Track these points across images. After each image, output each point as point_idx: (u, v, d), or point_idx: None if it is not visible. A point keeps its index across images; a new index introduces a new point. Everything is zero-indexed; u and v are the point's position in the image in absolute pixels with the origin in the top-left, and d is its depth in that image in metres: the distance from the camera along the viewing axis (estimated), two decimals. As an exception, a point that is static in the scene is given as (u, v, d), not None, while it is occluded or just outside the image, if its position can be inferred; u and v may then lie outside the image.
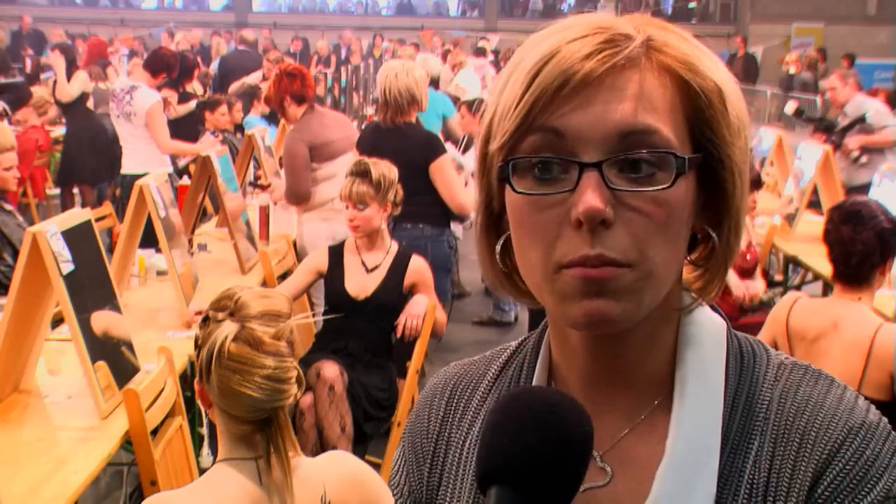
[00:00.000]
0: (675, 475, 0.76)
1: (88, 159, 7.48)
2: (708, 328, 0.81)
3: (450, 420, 0.89)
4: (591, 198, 0.70)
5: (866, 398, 0.79)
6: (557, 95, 0.71)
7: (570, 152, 0.71)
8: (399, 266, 3.52)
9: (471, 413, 0.88)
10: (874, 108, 6.59)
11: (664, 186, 0.71)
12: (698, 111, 0.74)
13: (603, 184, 0.71)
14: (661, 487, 0.76)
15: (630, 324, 0.74)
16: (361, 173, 3.42)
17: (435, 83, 6.96)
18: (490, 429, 0.70)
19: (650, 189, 0.71)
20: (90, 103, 8.57)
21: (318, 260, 3.58)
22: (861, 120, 6.50)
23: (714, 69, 0.75)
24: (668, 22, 0.78)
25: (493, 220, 0.80)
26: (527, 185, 0.73)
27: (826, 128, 6.80)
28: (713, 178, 0.76)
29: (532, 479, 0.69)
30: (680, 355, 0.79)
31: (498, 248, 0.80)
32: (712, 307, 0.83)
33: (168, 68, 5.76)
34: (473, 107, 6.13)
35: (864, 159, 6.41)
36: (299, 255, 4.31)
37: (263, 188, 4.97)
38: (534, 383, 0.83)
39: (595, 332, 0.76)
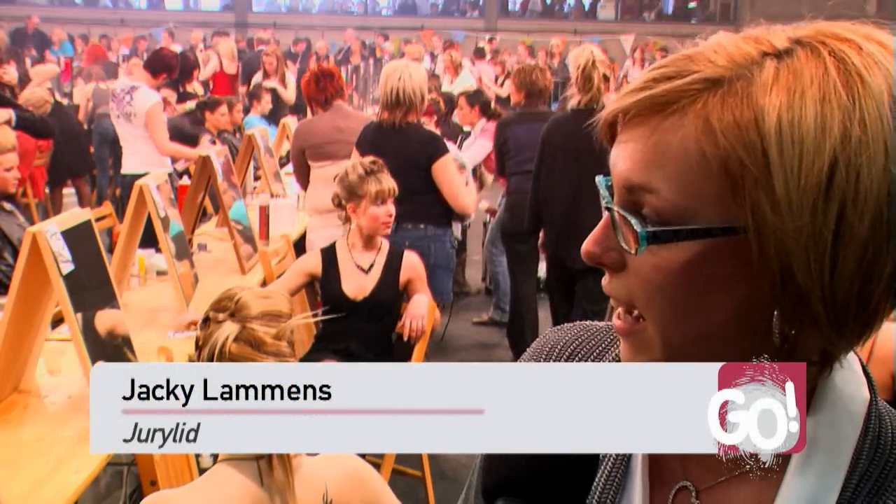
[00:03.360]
0: None
1: (75, 153, 7.55)
2: (848, 391, 0.72)
3: None
4: (589, 239, 0.70)
5: None
6: (617, 125, 0.70)
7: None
8: (393, 264, 3.53)
9: None
10: None
11: (627, 249, 0.68)
12: (733, 177, 0.63)
13: (610, 227, 0.69)
14: None
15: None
16: (380, 170, 3.45)
17: None
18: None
19: (625, 248, 0.68)
20: (90, 104, 8.59)
21: (310, 262, 3.56)
22: None
23: (783, 127, 0.62)
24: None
25: None
26: None
27: None
28: (768, 254, 0.64)
29: (539, 490, 0.68)
30: (811, 419, 0.70)
31: None
32: (866, 374, 0.74)
33: (168, 69, 5.75)
34: (471, 99, 6.13)
35: None
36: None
37: None
38: None
39: None
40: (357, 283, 3.49)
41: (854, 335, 0.67)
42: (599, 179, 0.71)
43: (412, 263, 3.56)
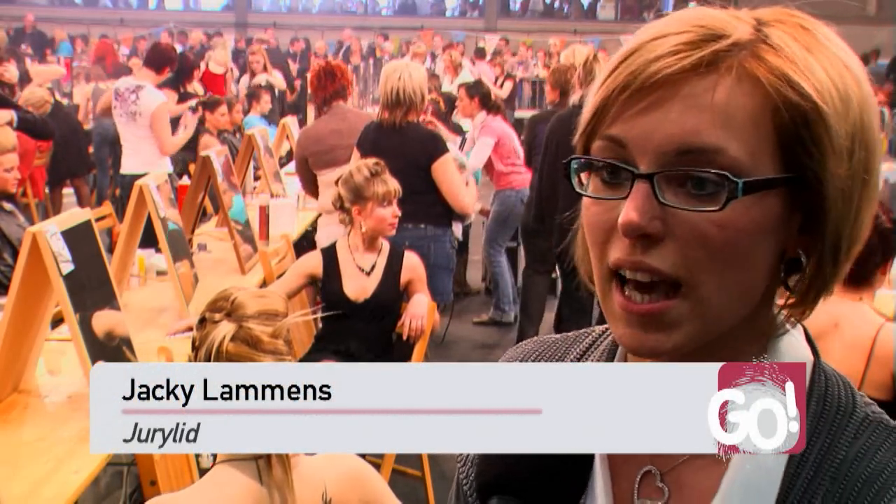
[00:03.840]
0: None
1: (75, 153, 7.56)
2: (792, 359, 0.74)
3: None
4: (631, 209, 0.67)
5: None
6: (619, 99, 0.68)
7: (631, 159, 0.69)
8: (394, 265, 3.53)
9: None
10: None
11: (713, 209, 0.66)
12: (787, 129, 0.67)
13: (652, 197, 0.67)
14: None
15: (682, 352, 0.70)
16: (383, 171, 3.45)
17: None
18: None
19: (700, 209, 0.67)
20: (90, 104, 8.59)
21: (310, 263, 3.54)
22: None
23: (824, 79, 0.67)
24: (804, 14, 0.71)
25: None
26: (595, 185, 0.72)
27: None
28: (810, 201, 0.69)
29: (533, 488, 0.68)
30: None
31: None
32: (808, 338, 0.77)
33: (170, 62, 5.78)
34: (471, 90, 6.11)
35: None
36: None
37: None
38: None
39: (643, 359, 0.74)
40: (358, 285, 3.48)
41: (829, 289, 0.73)
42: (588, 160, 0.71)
43: (412, 264, 3.56)
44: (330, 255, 3.53)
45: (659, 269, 0.68)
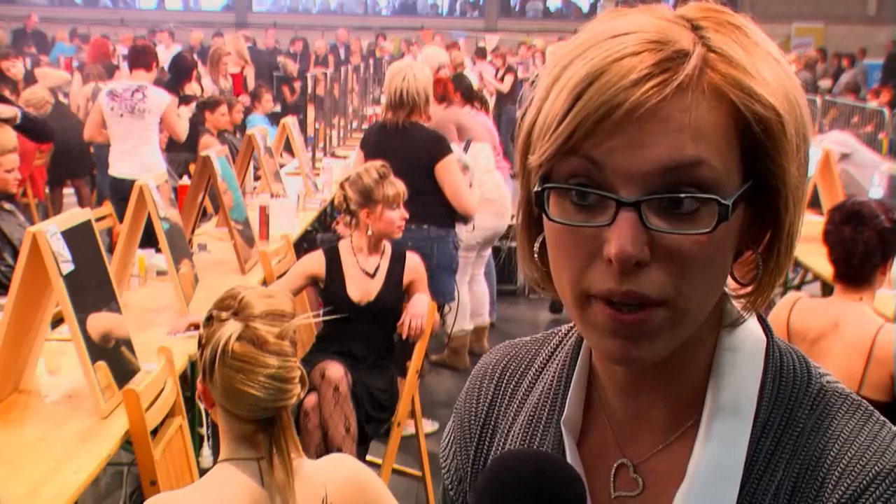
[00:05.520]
0: (691, 500, 0.74)
1: (75, 153, 7.58)
2: (747, 344, 0.77)
3: (497, 403, 0.88)
4: (625, 241, 0.66)
5: (866, 399, 0.78)
6: (599, 126, 0.67)
7: (608, 185, 0.68)
8: (397, 266, 3.52)
9: (518, 399, 0.86)
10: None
11: (704, 231, 0.67)
12: (752, 138, 0.68)
13: (640, 224, 0.67)
14: None
15: (660, 356, 0.72)
16: (389, 172, 3.47)
17: None
18: (479, 494, 0.71)
19: (690, 232, 0.67)
20: (89, 104, 8.58)
21: (312, 264, 3.52)
22: None
23: (774, 85, 0.69)
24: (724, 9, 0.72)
25: (533, 221, 0.77)
26: (564, 207, 0.70)
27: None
28: (765, 200, 0.71)
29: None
30: (714, 373, 0.76)
31: (536, 247, 0.77)
32: (759, 317, 0.79)
33: (153, 54, 5.99)
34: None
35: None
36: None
37: None
38: (572, 385, 0.82)
39: (626, 368, 0.76)
40: (362, 288, 3.47)
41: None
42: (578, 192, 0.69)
43: (414, 265, 3.56)
44: (333, 256, 3.50)
45: (648, 295, 0.68)
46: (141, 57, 5.90)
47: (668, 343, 0.71)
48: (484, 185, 5.01)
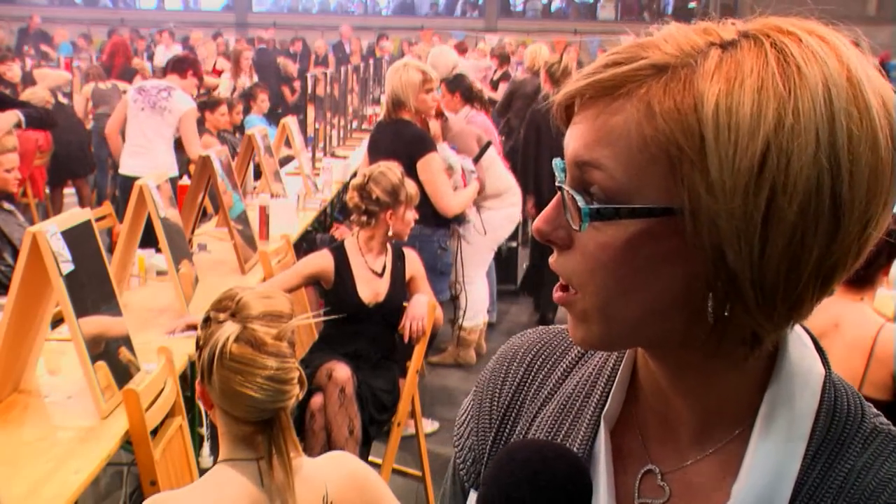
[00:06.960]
0: None
1: (75, 153, 7.60)
2: (806, 375, 0.74)
3: (525, 389, 0.87)
4: (540, 217, 0.73)
5: (867, 398, 0.77)
6: (561, 108, 0.73)
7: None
8: (399, 263, 3.52)
9: (548, 387, 0.85)
10: None
11: (573, 226, 0.70)
12: (671, 162, 0.65)
13: (559, 207, 0.71)
14: None
15: (610, 347, 0.76)
16: (404, 172, 3.49)
17: None
18: (486, 484, 0.72)
19: (571, 224, 0.70)
20: (89, 105, 8.57)
21: (319, 264, 3.47)
22: None
23: (720, 116, 0.64)
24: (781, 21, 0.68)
25: None
26: None
27: None
28: (704, 235, 0.66)
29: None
30: (769, 394, 0.73)
31: None
32: (818, 348, 0.77)
33: (190, 63, 6.22)
34: (451, 86, 6.00)
35: None
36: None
37: None
38: (616, 381, 0.81)
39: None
40: (372, 289, 3.45)
41: (782, 318, 0.69)
42: (556, 161, 0.73)
43: (413, 260, 3.57)
44: (341, 257, 3.45)
45: (561, 273, 0.72)
46: (177, 63, 6.16)
47: (604, 335, 0.72)
48: (497, 182, 5.17)
